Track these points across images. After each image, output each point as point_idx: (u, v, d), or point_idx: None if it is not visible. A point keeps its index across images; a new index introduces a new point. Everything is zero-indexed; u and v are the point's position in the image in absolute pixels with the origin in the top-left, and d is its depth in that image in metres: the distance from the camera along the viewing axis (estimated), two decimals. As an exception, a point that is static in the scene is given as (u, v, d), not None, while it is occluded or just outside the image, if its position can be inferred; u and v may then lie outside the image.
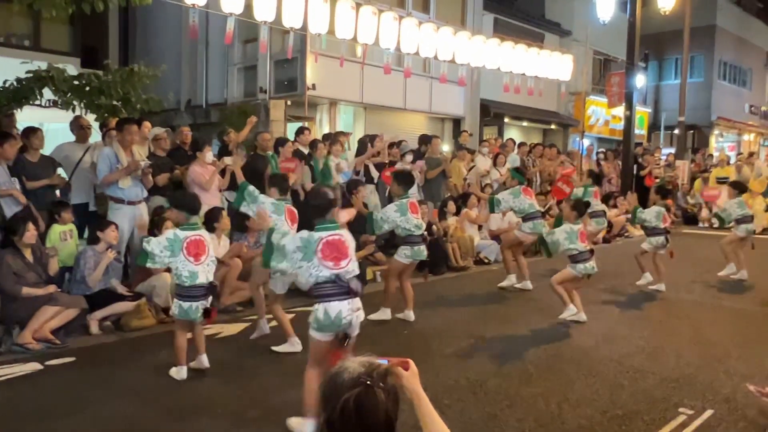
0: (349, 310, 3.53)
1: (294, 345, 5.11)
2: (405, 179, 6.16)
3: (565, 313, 6.19)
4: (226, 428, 3.84)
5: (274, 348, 5.16)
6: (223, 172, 7.18)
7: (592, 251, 6.34)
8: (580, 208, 6.52)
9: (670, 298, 7.56)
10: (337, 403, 1.59)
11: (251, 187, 5.03)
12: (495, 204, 7.73)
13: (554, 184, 9.84)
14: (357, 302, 3.61)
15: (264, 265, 3.93)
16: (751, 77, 28.24)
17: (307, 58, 10.77)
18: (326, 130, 11.66)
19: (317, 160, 8.15)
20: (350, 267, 3.59)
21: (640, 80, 19.64)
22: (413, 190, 9.10)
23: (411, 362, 1.84)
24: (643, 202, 9.41)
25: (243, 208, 5.08)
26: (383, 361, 1.80)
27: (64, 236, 6.06)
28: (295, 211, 5.21)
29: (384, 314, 6.24)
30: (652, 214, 7.87)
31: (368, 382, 1.61)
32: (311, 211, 3.70)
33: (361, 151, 9.30)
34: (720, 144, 26.82)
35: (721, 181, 13.46)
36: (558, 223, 6.62)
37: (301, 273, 3.59)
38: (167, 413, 4.05)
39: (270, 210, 4.81)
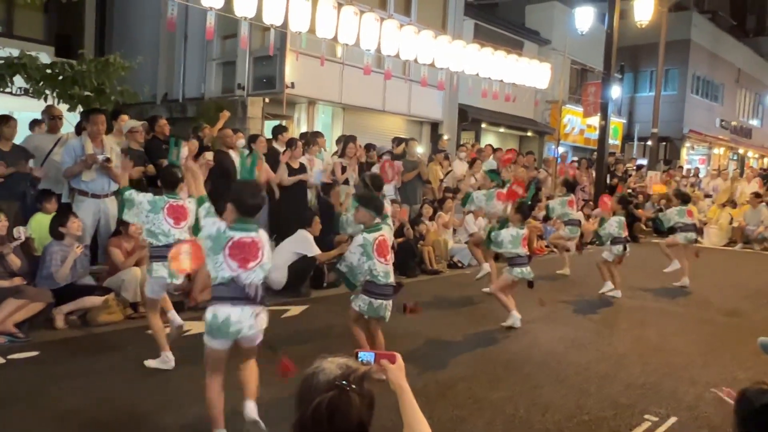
0: (240, 317, 3.29)
1: (165, 362, 4.66)
2: (373, 182, 5.94)
3: (508, 321, 6.25)
4: (189, 426, 3.79)
5: (146, 362, 4.71)
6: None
7: (529, 257, 6.44)
8: (524, 211, 6.55)
9: (636, 306, 7.68)
10: (310, 404, 1.56)
11: (128, 191, 4.65)
12: (468, 201, 7.82)
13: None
14: (254, 309, 3.35)
15: (194, 233, 3.62)
16: (722, 92, 28.87)
17: (287, 57, 10.72)
18: (304, 129, 11.61)
19: (243, 153, 6.95)
20: (256, 271, 3.35)
21: (616, 91, 19.95)
22: (388, 192, 9.14)
23: (398, 356, 1.84)
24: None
25: (125, 217, 4.72)
26: (370, 354, 1.80)
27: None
28: (187, 207, 4.69)
29: None
30: (614, 225, 7.99)
31: (344, 386, 1.58)
32: (239, 207, 3.37)
33: (341, 150, 9.27)
34: (691, 156, 27.38)
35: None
36: (503, 224, 6.64)
37: (208, 262, 3.36)
38: (128, 410, 3.98)
39: (147, 209, 4.52)
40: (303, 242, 7.22)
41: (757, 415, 1.77)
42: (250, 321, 3.35)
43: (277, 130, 8.98)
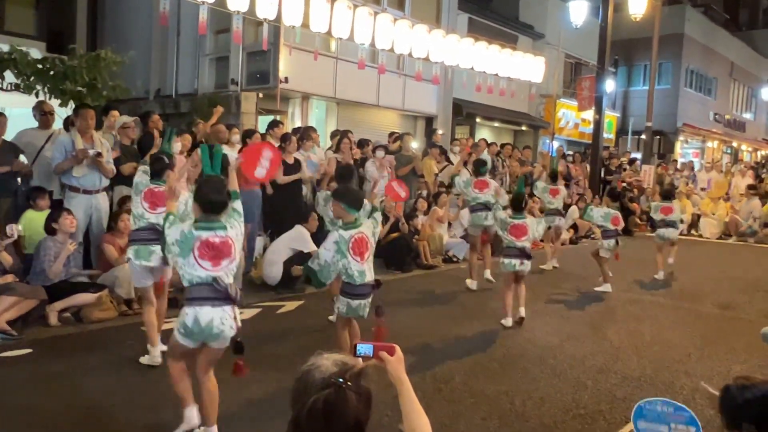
0: (221, 319, 3.22)
1: (154, 358, 4.61)
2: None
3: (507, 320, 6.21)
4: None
5: (141, 359, 4.67)
6: None
7: (522, 251, 6.20)
8: (515, 203, 6.46)
9: (631, 299, 7.70)
10: (306, 402, 1.53)
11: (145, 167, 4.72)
12: (453, 184, 7.93)
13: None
14: (233, 311, 3.30)
15: (162, 251, 3.57)
16: (716, 86, 28.91)
17: (281, 51, 10.66)
18: (298, 124, 11.56)
19: (204, 147, 6.81)
20: (230, 269, 3.30)
21: (610, 85, 19.96)
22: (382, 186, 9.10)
23: (397, 348, 1.82)
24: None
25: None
26: (369, 346, 1.77)
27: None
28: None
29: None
30: (599, 214, 8.09)
31: (340, 383, 1.54)
32: (203, 205, 3.29)
33: (336, 145, 9.24)
34: (685, 150, 27.45)
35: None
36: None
37: (177, 268, 3.28)
38: (122, 407, 3.95)
39: (132, 189, 4.52)
40: (299, 238, 7.20)
41: (741, 410, 1.80)
42: (230, 322, 3.26)
43: (271, 125, 8.93)
